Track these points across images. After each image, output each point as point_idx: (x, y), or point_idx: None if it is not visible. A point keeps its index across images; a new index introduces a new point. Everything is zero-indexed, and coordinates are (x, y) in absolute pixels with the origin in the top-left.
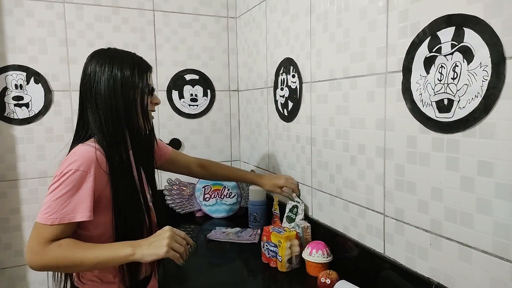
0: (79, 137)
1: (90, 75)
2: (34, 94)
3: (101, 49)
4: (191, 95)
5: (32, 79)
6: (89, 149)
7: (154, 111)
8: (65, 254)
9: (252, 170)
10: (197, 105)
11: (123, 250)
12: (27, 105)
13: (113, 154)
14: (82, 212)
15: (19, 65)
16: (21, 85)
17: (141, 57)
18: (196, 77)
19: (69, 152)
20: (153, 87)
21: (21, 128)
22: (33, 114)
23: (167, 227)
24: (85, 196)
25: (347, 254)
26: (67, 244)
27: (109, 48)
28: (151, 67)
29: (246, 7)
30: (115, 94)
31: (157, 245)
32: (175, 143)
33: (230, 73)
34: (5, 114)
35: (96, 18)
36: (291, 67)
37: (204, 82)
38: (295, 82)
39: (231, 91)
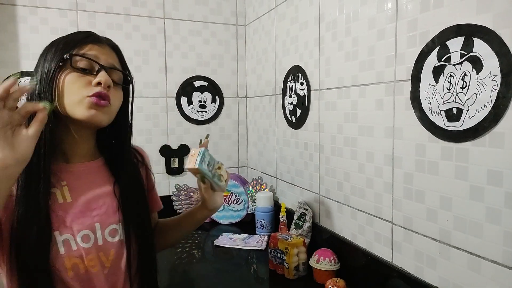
0: None
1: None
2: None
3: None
4: (200, 101)
5: None
6: None
7: (100, 94)
8: None
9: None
10: (206, 112)
11: None
12: None
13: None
14: None
15: (32, 71)
16: None
17: (83, 32)
18: (205, 83)
19: None
20: (94, 61)
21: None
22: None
23: None
24: None
25: (355, 262)
26: None
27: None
28: (94, 40)
29: (256, 15)
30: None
31: None
32: (184, 149)
33: (239, 80)
34: None
35: (108, 25)
36: (300, 75)
37: (213, 88)
38: (304, 90)
39: (239, 97)
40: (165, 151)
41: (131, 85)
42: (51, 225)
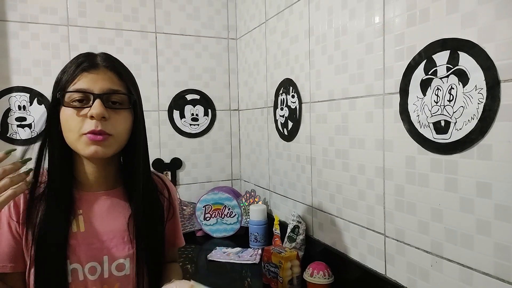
0: None
1: None
2: (37, 115)
3: None
4: (192, 114)
5: (35, 100)
6: None
7: (94, 132)
8: None
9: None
10: (198, 125)
11: None
12: (29, 125)
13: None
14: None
15: (23, 86)
16: (24, 106)
17: (80, 58)
18: (197, 97)
19: None
20: (86, 93)
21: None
22: (35, 134)
23: None
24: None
25: (349, 275)
26: None
27: None
28: (86, 67)
29: (247, 28)
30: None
31: None
32: (176, 163)
33: (231, 93)
34: (8, 135)
35: (100, 40)
36: (291, 88)
37: (205, 101)
38: (295, 102)
39: (231, 110)
40: (158, 164)
41: (137, 104)
42: (65, 255)
